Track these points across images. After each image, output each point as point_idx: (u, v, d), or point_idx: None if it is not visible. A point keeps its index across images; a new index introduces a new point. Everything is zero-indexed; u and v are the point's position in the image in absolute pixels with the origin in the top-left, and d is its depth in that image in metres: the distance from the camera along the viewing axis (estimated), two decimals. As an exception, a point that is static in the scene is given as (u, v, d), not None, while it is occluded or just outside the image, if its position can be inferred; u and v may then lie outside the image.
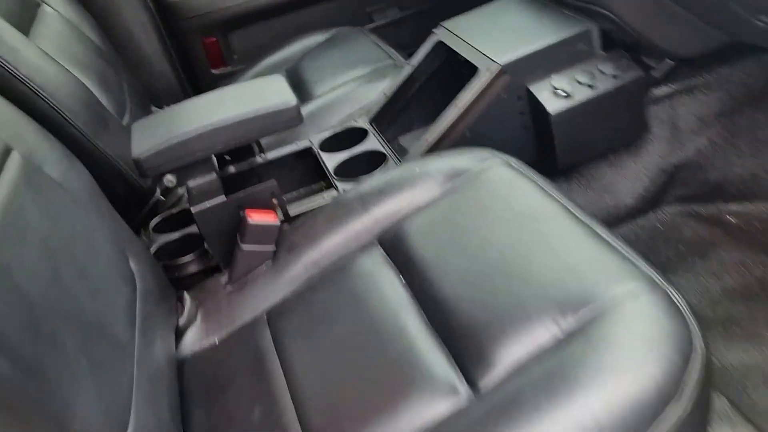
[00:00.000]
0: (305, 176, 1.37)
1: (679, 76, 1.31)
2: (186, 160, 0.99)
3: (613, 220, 1.35)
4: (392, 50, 1.69)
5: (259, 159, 1.31)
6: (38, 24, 1.38)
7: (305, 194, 1.36)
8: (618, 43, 1.29)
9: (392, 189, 1.00)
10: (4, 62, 0.99)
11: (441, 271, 0.83)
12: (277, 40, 2.01)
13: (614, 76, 1.25)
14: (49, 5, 1.48)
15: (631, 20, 1.19)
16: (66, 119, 1.06)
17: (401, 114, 1.49)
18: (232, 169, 1.27)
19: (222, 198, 1.04)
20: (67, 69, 1.19)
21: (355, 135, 1.40)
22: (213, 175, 1.03)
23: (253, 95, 1.08)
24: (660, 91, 1.32)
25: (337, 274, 0.92)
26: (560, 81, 1.25)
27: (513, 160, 0.97)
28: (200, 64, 2.09)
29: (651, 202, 1.37)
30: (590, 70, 1.26)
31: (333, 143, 1.39)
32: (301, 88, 1.66)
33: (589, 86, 1.24)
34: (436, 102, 1.37)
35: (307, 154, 1.37)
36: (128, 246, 0.90)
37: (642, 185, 1.35)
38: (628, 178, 1.36)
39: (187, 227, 1.22)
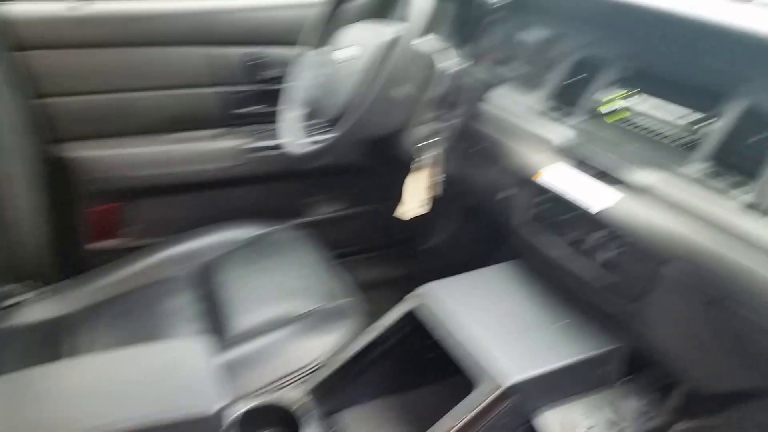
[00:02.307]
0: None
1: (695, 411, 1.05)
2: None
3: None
4: (344, 280, 1.36)
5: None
6: None
7: None
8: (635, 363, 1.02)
9: None
10: None
11: None
12: (188, 221, 1.61)
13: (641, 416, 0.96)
14: None
15: (671, 345, 0.93)
16: None
17: (349, 384, 1.13)
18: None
19: None
20: None
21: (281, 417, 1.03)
22: None
23: (157, 380, 0.78)
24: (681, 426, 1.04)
25: None
26: (574, 414, 0.95)
27: None
28: (79, 235, 1.66)
29: None
30: (612, 402, 0.97)
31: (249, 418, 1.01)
32: (215, 314, 1.27)
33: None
34: (398, 375, 1.09)
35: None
36: None
37: None
38: None
39: None
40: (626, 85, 1.05)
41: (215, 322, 1.24)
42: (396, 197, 1.93)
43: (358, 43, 1.22)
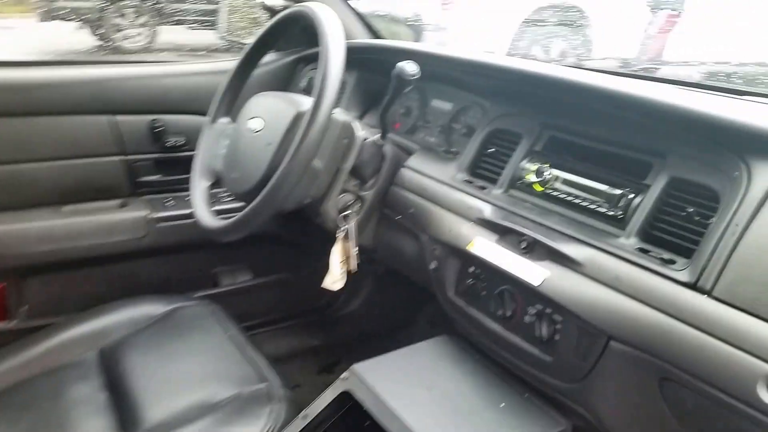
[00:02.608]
0: None
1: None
2: None
3: None
4: (261, 358, 1.29)
5: None
6: None
7: None
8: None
9: None
10: None
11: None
12: (90, 298, 1.49)
13: None
14: None
15: (618, 425, 0.93)
16: None
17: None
18: None
19: None
20: None
21: None
22: None
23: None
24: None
25: None
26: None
27: None
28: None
29: None
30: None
31: None
32: (124, 403, 1.16)
33: None
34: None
35: None
36: None
37: None
38: None
39: None
40: (550, 155, 1.09)
41: (126, 413, 1.13)
42: (310, 265, 1.91)
43: (267, 113, 1.19)
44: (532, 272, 0.95)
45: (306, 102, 1.17)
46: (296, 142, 1.03)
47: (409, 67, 1.08)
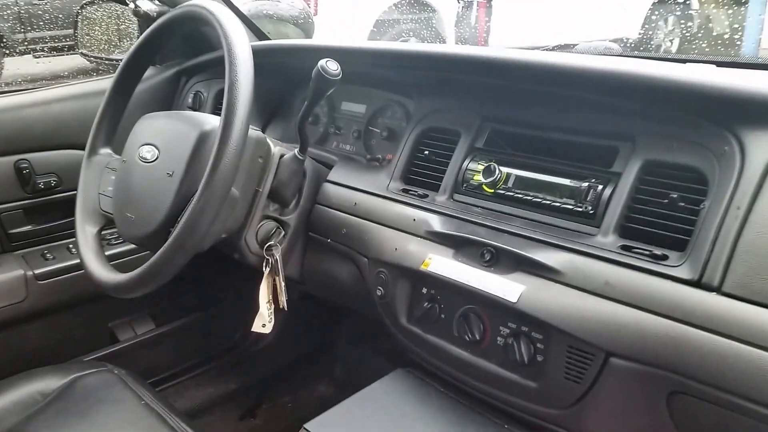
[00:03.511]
0: None
1: None
2: None
3: None
4: (178, 420, 1.09)
5: None
6: None
7: None
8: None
9: None
10: None
11: None
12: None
13: None
14: None
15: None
16: None
17: None
18: None
19: None
20: None
21: None
22: None
23: None
24: None
25: None
26: None
27: None
28: None
29: None
30: None
31: None
32: None
33: None
34: None
35: None
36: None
37: None
38: None
39: None
40: (496, 151, 0.96)
41: None
42: (216, 303, 1.71)
43: (160, 139, 1.00)
44: (505, 288, 0.82)
45: (208, 120, 0.98)
46: (209, 167, 0.85)
47: (332, 66, 0.92)
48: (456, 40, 5.33)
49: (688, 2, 4.56)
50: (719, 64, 0.95)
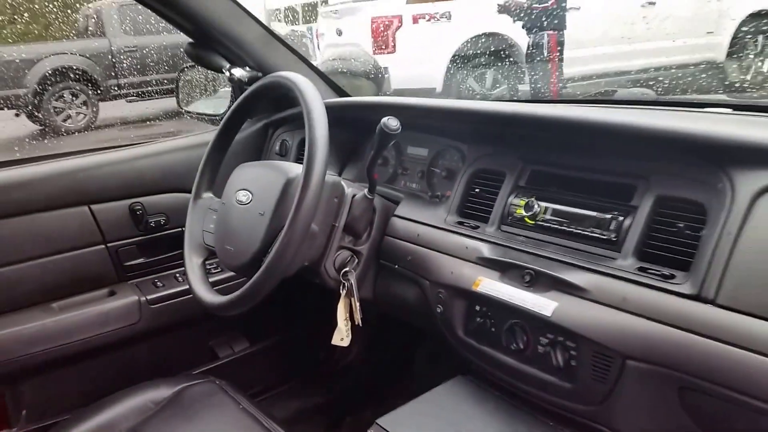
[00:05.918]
0: None
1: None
2: None
3: None
4: (276, 426, 1.28)
5: None
6: None
7: None
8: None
9: None
10: None
11: None
12: (92, 392, 1.46)
13: None
14: None
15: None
16: None
17: None
18: None
19: None
20: None
21: None
22: None
23: None
24: None
25: None
26: None
27: None
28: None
29: None
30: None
31: None
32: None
33: None
34: None
35: None
36: None
37: None
38: None
39: None
40: (536, 189, 1.14)
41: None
42: (304, 324, 1.91)
43: (253, 185, 1.21)
44: (542, 304, 0.99)
45: (292, 168, 1.19)
46: (293, 208, 1.05)
47: (392, 123, 1.12)
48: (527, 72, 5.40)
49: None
50: (736, 108, 1.11)
